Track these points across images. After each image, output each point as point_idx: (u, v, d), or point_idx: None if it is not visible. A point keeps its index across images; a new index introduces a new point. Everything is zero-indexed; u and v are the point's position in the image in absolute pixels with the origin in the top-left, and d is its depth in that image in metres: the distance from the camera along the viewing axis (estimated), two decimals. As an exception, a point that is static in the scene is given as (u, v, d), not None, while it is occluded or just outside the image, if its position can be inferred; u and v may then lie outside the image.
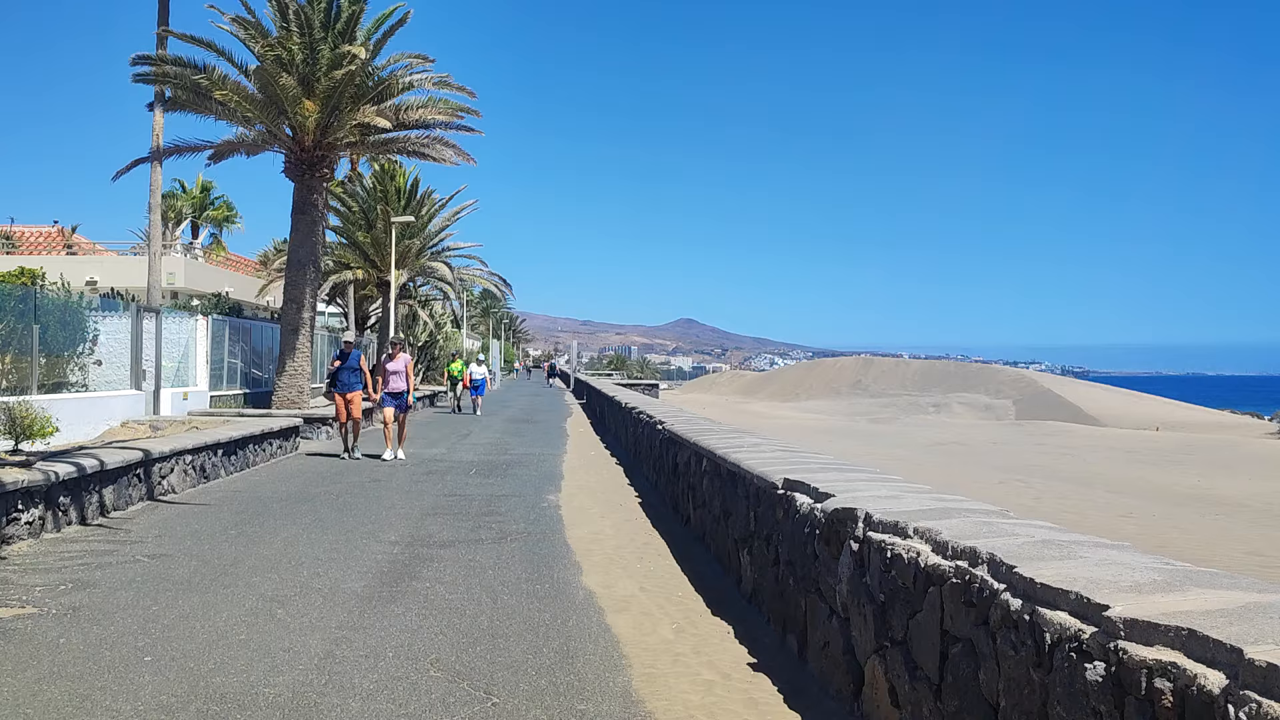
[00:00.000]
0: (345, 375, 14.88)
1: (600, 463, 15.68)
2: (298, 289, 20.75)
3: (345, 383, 14.87)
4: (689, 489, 9.12)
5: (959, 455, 24.28)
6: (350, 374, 14.89)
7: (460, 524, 9.31)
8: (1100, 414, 41.56)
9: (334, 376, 14.96)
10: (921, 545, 3.82)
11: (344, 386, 14.87)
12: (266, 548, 7.93)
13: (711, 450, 7.81)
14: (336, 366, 14.97)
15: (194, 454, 11.32)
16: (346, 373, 14.89)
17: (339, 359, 15.09)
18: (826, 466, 6.23)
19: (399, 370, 14.92)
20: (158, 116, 20.80)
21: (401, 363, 15.05)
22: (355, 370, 14.92)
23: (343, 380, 14.89)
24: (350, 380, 14.90)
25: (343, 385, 14.87)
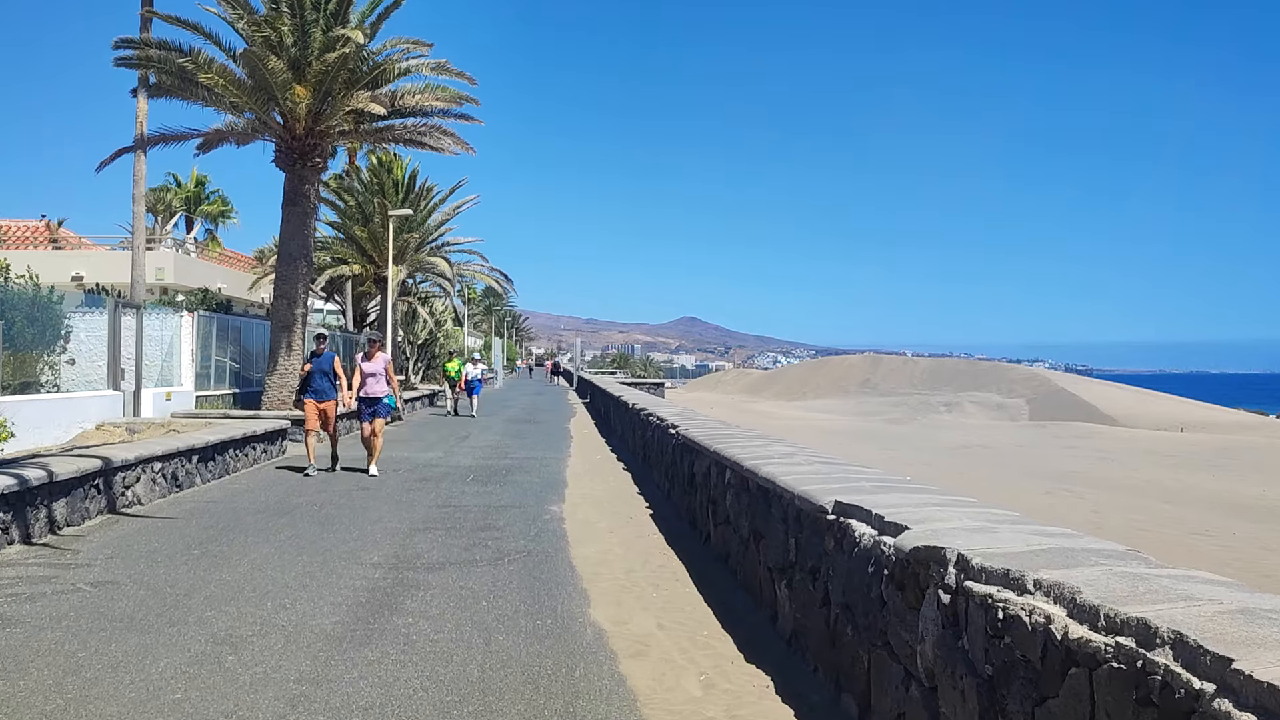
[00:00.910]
0: (318, 380, 12.86)
1: (606, 468, 14.72)
2: (289, 284, 19.78)
3: (318, 389, 12.86)
4: (709, 503, 8.15)
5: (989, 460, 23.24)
6: (323, 378, 12.89)
7: (453, 541, 8.36)
8: (1117, 413, 40.46)
9: (305, 382, 13.01)
10: (1051, 607, 2.84)
11: (317, 394, 12.86)
12: (230, 571, 6.97)
13: (737, 462, 6.84)
14: (308, 371, 13.00)
15: (164, 461, 10.36)
16: (319, 377, 12.87)
17: (310, 360, 13.11)
18: (882, 485, 5.25)
19: (377, 371, 13.03)
20: (141, 103, 19.89)
21: (380, 363, 13.16)
22: (329, 373, 12.97)
23: (315, 386, 12.86)
24: (324, 385, 12.89)
25: (315, 392, 12.86)
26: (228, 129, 20.83)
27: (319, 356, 13.08)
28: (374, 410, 12.96)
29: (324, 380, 12.92)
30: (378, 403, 13.00)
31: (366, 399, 12.98)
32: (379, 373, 13.11)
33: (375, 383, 13.05)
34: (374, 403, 12.99)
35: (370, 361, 13.14)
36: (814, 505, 4.96)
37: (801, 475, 5.77)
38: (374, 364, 13.12)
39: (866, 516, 4.40)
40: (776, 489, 5.70)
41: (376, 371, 13.08)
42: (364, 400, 12.99)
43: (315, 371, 12.98)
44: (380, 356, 13.29)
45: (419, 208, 30.84)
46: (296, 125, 19.37)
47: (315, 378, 12.95)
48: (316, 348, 13.21)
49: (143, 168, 19.70)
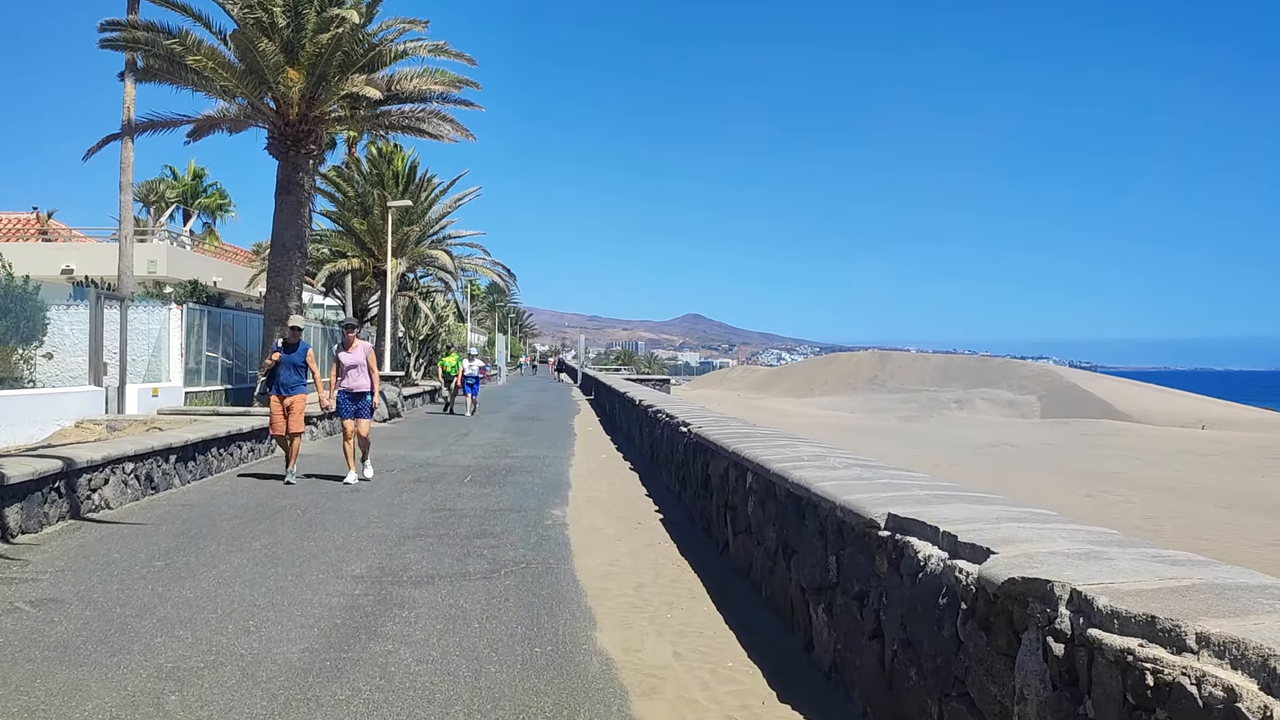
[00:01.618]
0: (285, 373, 11.38)
1: (612, 467, 13.97)
2: (282, 276, 19.04)
3: (285, 383, 11.38)
4: (725, 508, 7.39)
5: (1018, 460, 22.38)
6: (292, 372, 11.44)
7: (445, 550, 7.61)
8: (1132, 410, 39.55)
9: (271, 374, 11.43)
10: (1233, 676, 2.07)
11: (283, 388, 11.38)
12: (193, 587, 6.22)
13: (762, 465, 6.08)
14: (275, 361, 11.41)
15: (137, 461, 9.62)
16: (287, 370, 11.39)
17: (279, 350, 11.53)
18: (940, 493, 4.48)
19: (358, 363, 11.50)
20: (128, 88, 19.14)
21: (360, 353, 11.56)
22: (300, 368, 11.54)
23: (282, 379, 11.37)
24: (291, 379, 11.43)
25: (281, 386, 11.38)
26: (219, 115, 20.12)
27: (291, 348, 11.56)
28: (358, 407, 11.49)
29: (292, 374, 11.46)
30: (362, 399, 11.53)
31: (350, 394, 11.50)
32: (360, 363, 11.59)
33: (357, 375, 11.53)
34: (359, 399, 11.53)
35: (349, 351, 11.59)
36: (861, 518, 4.20)
37: (839, 481, 5.01)
38: (354, 354, 11.57)
39: (931, 535, 3.64)
40: (812, 497, 4.93)
41: (358, 362, 11.57)
42: (346, 396, 11.50)
43: (283, 364, 11.44)
44: (360, 345, 11.68)
45: (419, 199, 30.09)
46: (289, 110, 18.63)
47: (282, 371, 11.43)
48: (290, 338, 11.67)
49: (130, 155, 18.95)
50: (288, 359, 11.46)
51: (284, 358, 11.44)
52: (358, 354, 11.61)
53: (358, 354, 11.61)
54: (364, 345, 11.74)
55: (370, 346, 11.95)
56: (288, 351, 11.51)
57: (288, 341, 11.65)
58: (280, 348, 11.59)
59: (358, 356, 11.59)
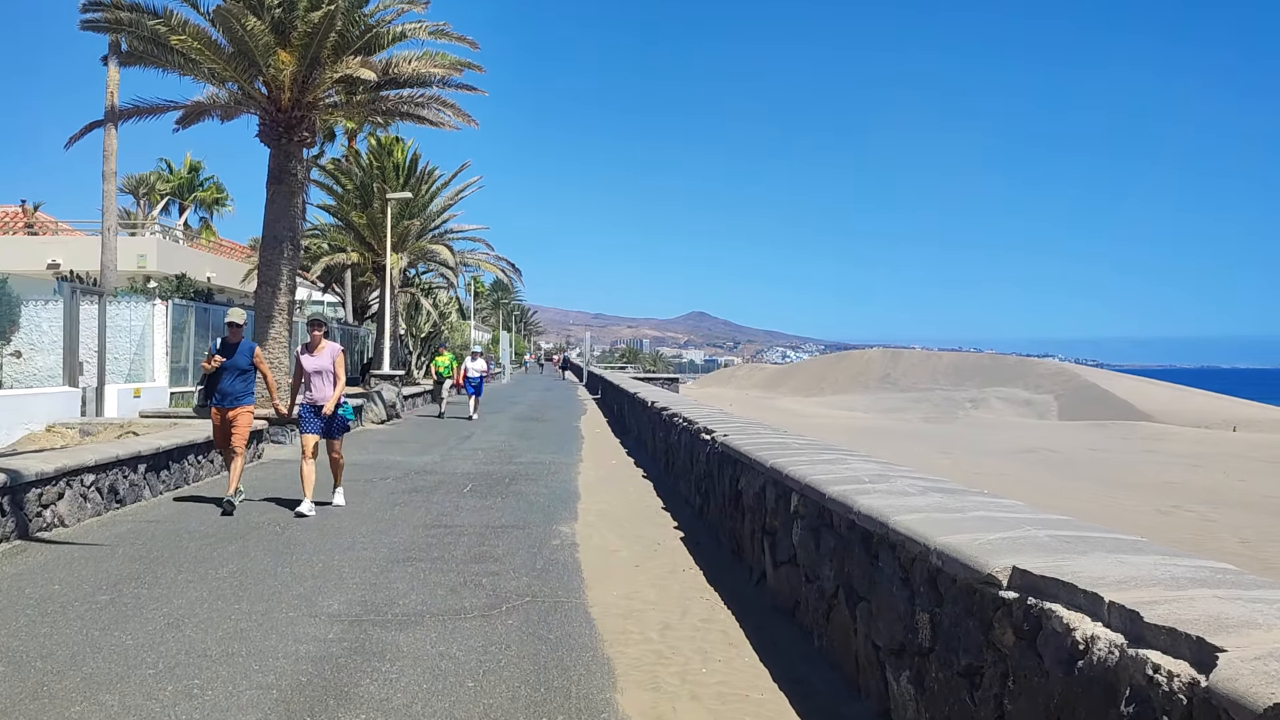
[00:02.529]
0: (228, 380, 9.30)
1: (623, 475, 12.98)
2: (274, 269, 18.07)
3: (227, 391, 9.28)
4: (763, 532, 6.40)
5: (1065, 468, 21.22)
6: (237, 379, 9.34)
7: (439, 578, 6.63)
8: (1152, 410, 38.39)
9: (209, 382, 9.36)
10: None
11: (224, 398, 9.27)
12: (137, 631, 5.25)
13: (813, 486, 5.09)
14: (216, 365, 9.25)
15: (99, 472, 8.66)
16: (230, 376, 9.30)
17: (219, 353, 9.34)
18: (1068, 536, 3.48)
19: (323, 368, 9.31)
20: (112, 72, 18.25)
21: (328, 356, 9.37)
22: (246, 373, 9.41)
23: (223, 387, 9.27)
24: (235, 387, 9.32)
25: (222, 395, 9.27)
26: (209, 101, 19.14)
27: (231, 349, 9.36)
28: (329, 424, 9.33)
29: (236, 381, 9.33)
30: (334, 414, 9.33)
31: (313, 406, 9.28)
32: (326, 370, 9.33)
33: (323, 384, 9.32)
34: (322, 411, 9.29)
35: (314, 355, 9.35)
36: (971, 571, 3.20)
37: (923, 513, 4.01)
38: (319, 358, 9.33)
39: (1089, 605, 2.64)
40: (889, 534, 3.94)
41: (324, 369, 9.32)
42: (311, 410, 9.29)
43: (226, 369, 9.29)
44: (328, 347, 9.47)
45: (420, 192, 29.11)
46: (281, 95, 17.66)
47: (224, 377, 9.28)
48: (229, 336, 9.41)
49: (113, 143, 18.04)
50: (231, 362, 9.33)
51: (226, 361, 9.32)
52: (324, 358, 9.38)
53: (324, 358, 9.38)
54: (332, 348, 9.50)
55: (340, 350, 9.65)
56: (228, 353, 9.34)
57: (227, 341, 9.46)
58: (219, 349, 9.43)
59: (323, 361, 9.36)
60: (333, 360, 9.49)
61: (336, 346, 9.66)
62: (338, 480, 9.72)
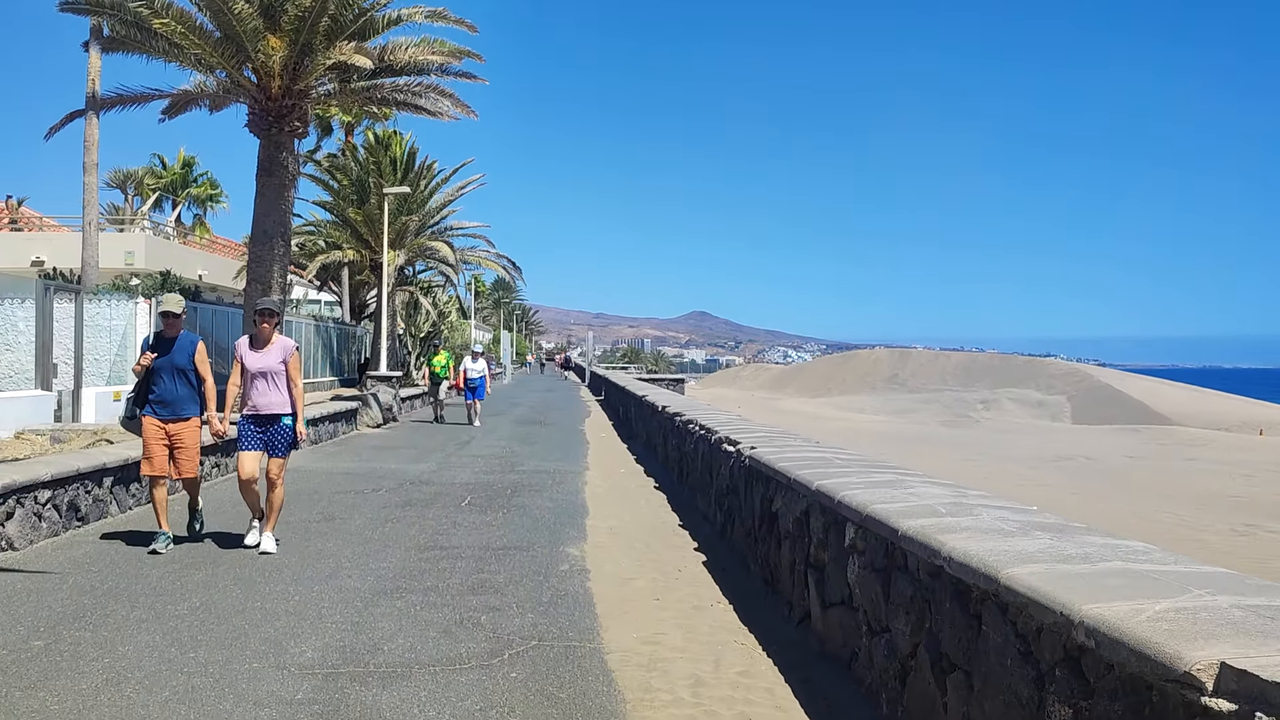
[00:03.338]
0: (165, 383, 7.28)
1: (633, 486, 12.12)
2: (264, 266, 17.23)
3: (166, 398, 7.28)
4: (806, 565, 5.53)
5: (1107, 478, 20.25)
6: (176, 381, 7.29)
7: (431, 614, 5.77)
8: (1169, 412, 37.39)
9: (141, 386, 7.38)
10: None
11: (162, 406, 7.28)
12: (66, 691, 4.38)
13: (874, 516, 4.22)
14: (148, 365, 7.29)
15: (55, 487, 7.79)
16: (167, 378, 7.29)
17: (149, 349, 7.34)
18: (1251, 605, 2.61)
19: (270, 369, 7.36)
20: (93, 58, 17.40)
21: (278, 354, 7.42)
22: (187, 373, 7.34)
23: (160, 393, 7.30)
24: (177, 392, 7.31)
25: (159, 404, 7.29)
26: (197, 90, 18.34)
27: (167, 345, 7.32)
28: (270, 437, 7.40)
29: (176, 383, 7.29)
30: (277, 424, 7.40)
31: (255, 418, 7.37)
32: (274, 372, 7.36)
33: (269, 387, 7.36)
34: (269, 424, 7.40)
35: (261, 351, 7.41)
36: (1149, 662, 2.34)
37: (1039, 562, 3.15)
38: (266, 354, 7.40)
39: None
40: (1001, 592, 3.07)
41: (270, 370, 7.35)
42: (251, 421, 7.38)
43: (162, 369, 7.28)
44: (279, 343, 7.49)
45: (419, 187, 28.23)
46: (271, 83, 16.81)
47: (161, 379, 7.28)
48: (165, 329, 7.36)
49: (95, 133, 17.19)
50: (167, 360, 7.26)
51: (161, 359, 7.26)
52: (271, 356, 7.38)
53: (271, 356, 7.38)
54: (284, 344, 7.52)
55: (295, 348, 7.63)
56: (163, 350, 7.29)
57: (162, 335, 7.37)
58: (151, 344, 7.35)
59: (271, 359, 7.36)
60: (284, 359, 7.41)
61: (290, 343, 7.59)
62: (270, 516, 7.44)
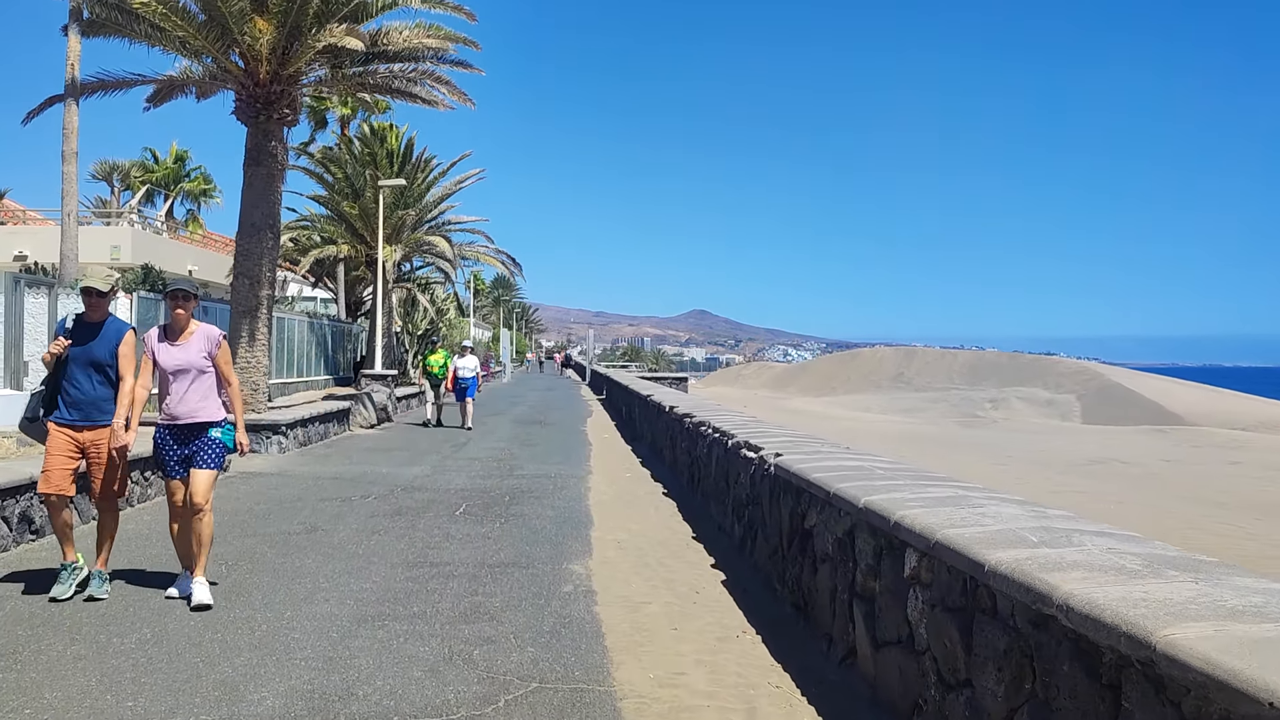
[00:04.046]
0: (79, 379, 5.74)
1: (641, 493, 11.36)
2: (252, 260, 16.44)
3: (80, 399, 5.74)
4: (851, 594, 4.77)
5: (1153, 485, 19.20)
6: (93, 378, 5.75)
7: (416, 648, 5.02)
8: (1184, 412, 36.60)
9: (51, 381, 5.84)
10: None
11: (74, 408, 5.74)
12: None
13: (949, 545, 3.47)
14: (57, 355, 5.76)
15: (5, 497, 7.03)
16: (82, 373, 5.74)
17: (64, 334, 5.82)
18: None
19: (190, 365, 5.77)
20: (72, 42, 16.63)
21: (198, 347, 5.82)
22: (103, 370, 5.75)
23: (73, 392, 5.75)
24: (94, 391, 5.75)
25: (71, 404, 5.75)
26: (182, 76, 17.58)
27: (91, 331, 5.79)
28: (193, 452, 5.79)
29: (93, 381, 5.74)
30: (201, 436, 5.80)
31: (175, 429, 5.79)
32: (196, 368, 5.77)
33: (191, 392, 5.77)
34: (193, 436, 5.79)
35: (178, 344, 5.81)
36: None
37: (1204, 620, 2.39)
38: (186, 349, 5.79)
39: None
40: (1156, 660, 2.31)
41: (191, 366, 5.76)
42: (169, 431, 5.81)
43: (76, 361, 5.74)
44: (200, 333, 5.86)
45: (416, 181, 27.47)
46: (259, 68, 16.02)
47: (75, 374, 5.73)
48: (87, 312, 5.85)
49: (74, 120, 16.44)
50: (81, 353, 5.74)
51: (75, 349, 5.74)
52: (192, 348, 5.78)
53: (192, 348, 5.78)
54: (206, 333, 5.86)
55: (221, 338, 5.95)
56: (83, 337, 5.77)
57: (83, 319, 5.85)
58: (67, 330, 5.82)
59: (190, 353, 5.76)
60: (208, 352, 5.78)
61: (214, 331, 5.91)
62: (199, 556, 5.82)
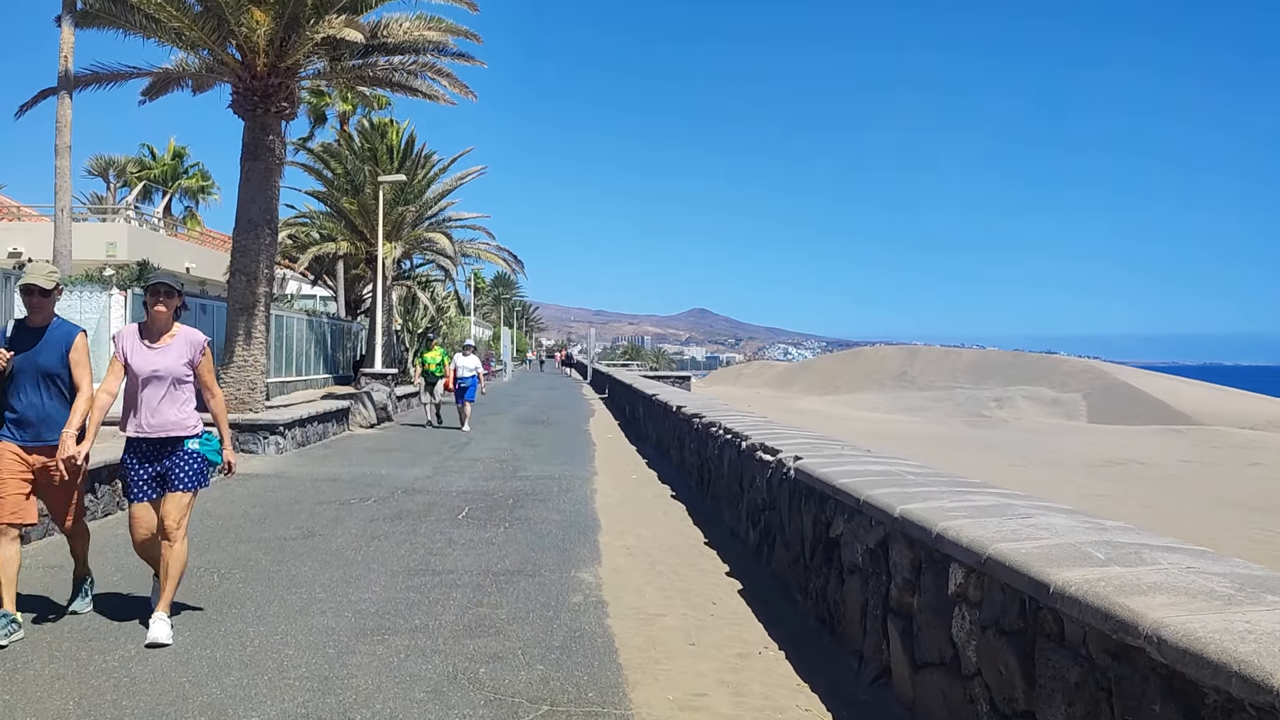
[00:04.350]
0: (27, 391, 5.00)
1: (648, 495, 11.03)
2: (249, 257, 16.13)
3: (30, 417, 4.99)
4: (885, 609, 4.45)
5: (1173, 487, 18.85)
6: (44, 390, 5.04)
7: (418, 666, 4.70)
8: (1192, 411, 36.22)
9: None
10: None
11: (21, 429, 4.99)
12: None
13: (1002, 561, 3.15)
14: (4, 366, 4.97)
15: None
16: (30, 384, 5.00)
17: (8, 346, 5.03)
18: None
19: (168, 371, 5.06)
20: (66, 33, 16.20)
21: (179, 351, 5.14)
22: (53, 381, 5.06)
23: (22, 409, 5.00)
24: (46, 407, 5.02)
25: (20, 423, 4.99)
26: (178, 69, 17.21)
27: (35, 333, 5.08)
28: (166, 470, 5.10)
29: (43, 394, 5.04)
30: (177, 452, 5.11)
31: (143, 445, 5.11)
32: (175, 377, 5.09)
33: (167, 402, 5.08)
34: (165, 452, 5.10)
35: (156, 347, 5.13)
36: None
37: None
38: (165, 354, 5.11)
39: None
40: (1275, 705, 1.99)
41: (169, 373, 5.07)
42: (138, 451, 5.13)
43: (23, 372, 5.01)
44: (182, 335, 5.19)
45: (416, 177, 27.13)
46: (256, 60, 15.71)
47: (22, 386, 5.01)
48: (30, 314, 5.12)
49: (68, 113, 16.03)
50: (27, 362, 5.02)
51: (19, 362, 5.00)
52: (171, 353, 5.08)
53: (171, 353, 5.08)
54: (188, 337, 5.17)
55: (205, 344, 5.24)
56: (24, 344, 5.04)
57: (26, 324, 5.12)
58: (8, 338, 5.07)
59: (169, 359, 5.06)
60: (189, 360, 5.07)
61: (197, 336, 5.20)
62: (166, 588, 5.09)
